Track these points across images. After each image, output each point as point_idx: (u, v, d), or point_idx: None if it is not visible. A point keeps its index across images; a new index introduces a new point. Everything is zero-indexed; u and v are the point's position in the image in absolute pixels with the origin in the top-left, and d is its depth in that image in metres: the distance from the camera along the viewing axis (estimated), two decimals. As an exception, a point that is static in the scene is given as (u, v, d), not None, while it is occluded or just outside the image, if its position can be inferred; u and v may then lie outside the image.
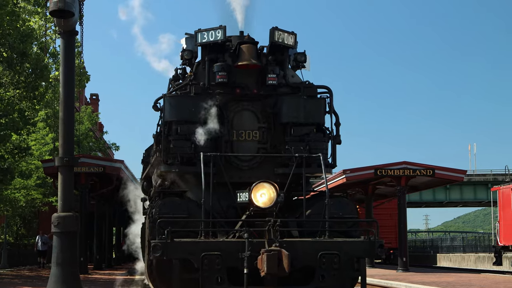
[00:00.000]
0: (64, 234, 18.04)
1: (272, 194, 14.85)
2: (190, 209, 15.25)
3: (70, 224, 18.09)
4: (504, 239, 38.18)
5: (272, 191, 14.85)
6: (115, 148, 70.08)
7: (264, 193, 14.89)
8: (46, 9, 37.54)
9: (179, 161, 15.95)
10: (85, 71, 46.76)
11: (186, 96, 16.31)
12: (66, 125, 18.58)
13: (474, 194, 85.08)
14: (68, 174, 18.57)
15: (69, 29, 18.04)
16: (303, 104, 16.47)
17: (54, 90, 41.08)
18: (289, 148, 16.26)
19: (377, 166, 41.34)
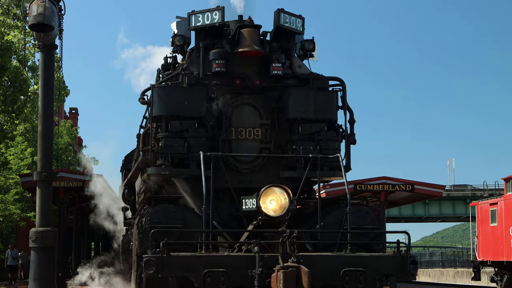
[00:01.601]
0: (42, 249, 17.25)
1: (283, 201, 11.62)
2: (186, 218, 12.03)
3: (48, 239, 17.30)
4: (482, 254, 35.60)
5: (284, 197, 11.59)
6: (94, 163, 66.73)
7: (274, 199, 11.52)
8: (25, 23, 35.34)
9: (170, 162, 12.44)
10: (64, 85, 43.91)
11: (178, 87, 12.91)
12: (45, 140, 17.75)
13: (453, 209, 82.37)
14: (46, 188, 17.79)
15: (49, 43, 17.28)
16: (313, 97, 13.14)
17: (33, 104, 38.98)
18: (297, 148, 12.98)
19: (357, 181, 38.28)
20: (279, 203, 11.61)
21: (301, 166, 12.89)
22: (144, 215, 11.96)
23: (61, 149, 53.79)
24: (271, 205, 11.60)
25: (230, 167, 12.92)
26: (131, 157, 21.44)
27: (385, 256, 11.54)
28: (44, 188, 17.73)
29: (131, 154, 21.61)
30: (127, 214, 20.29)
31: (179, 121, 12.79)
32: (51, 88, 18.09)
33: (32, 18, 16.59)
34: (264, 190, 11.54)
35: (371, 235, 12.43)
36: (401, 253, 11.40)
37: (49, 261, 17.61)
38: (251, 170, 13.23)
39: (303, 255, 10.86)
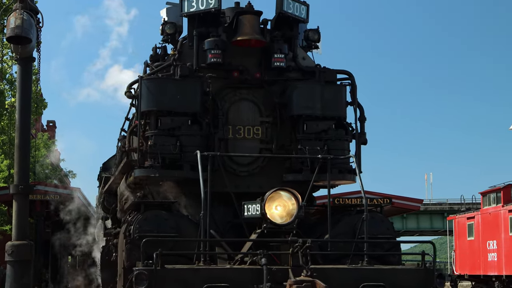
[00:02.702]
0: (18, 263, 16.34)
1: (290, 207, 9.83)
2: (180, 226, 10.32)
3: (24, 253, 16.40)
4: (459, 268, 34.90)
5: (291, 203, 9.87)
6: (72, 176, 64.76)
7: (280, 205, 9.85)
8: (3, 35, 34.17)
9: (160, 163, 10.67)
10: (42, 98, 42.46)
11: (170, 79, 11.19)
12: (22, 152, 16.93)
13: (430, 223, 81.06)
14: (23, 202, 16.92)
15: (26, 55, 16.45)
16: (320, 92, 11.47)
17: (10, 116, 37.09)
18: (303, 148, 11.25)
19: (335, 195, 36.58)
20: (286, 209, 9.94)
21: (307, 168, 11.20)
22: (132, 222, 10.19)
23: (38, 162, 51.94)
24: (277, 212, 9.90)
25: (226, 170, 11.18)
26: (110, 164, 19.92)
27: (408, 269, 9.87)
28: (21, 201, 16.87)
29: (110, 161, 20.31)
30: (107, 224, 18.49)
31: (170, 117, 11.09)
32: (29, 101, 17.42)
33: (10, 31, 15.86)
34: (270, 195, 9.82)
35: (386, 246, 10.71)
36: (426, 265, 9.70)
37: (25, 275, 16.57)
38: (250, 173, 11.54)
39: (317, 267, 9.15)
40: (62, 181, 61.37)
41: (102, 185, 20.01)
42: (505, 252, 28.35)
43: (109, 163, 20.78)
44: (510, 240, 27.96)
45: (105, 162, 21.66)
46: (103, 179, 20.30)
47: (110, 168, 19.43)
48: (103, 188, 19.30)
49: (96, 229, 24.43)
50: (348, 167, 11.48)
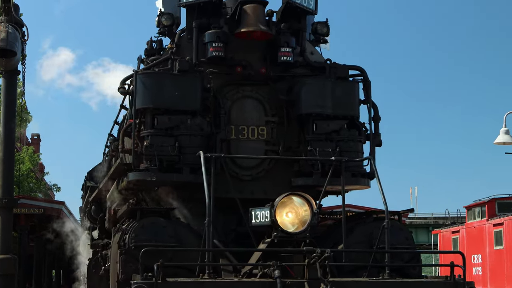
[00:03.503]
0: (1, 277, 15.58)
1: (303, 213, 8.75)
2: (180, 235, 9.23)
3: (7, 267, 15.63)
4: None
5: (304, 209, 8.78)
6: (56, 190, 63.60)
7: (292, 211, 8.88)
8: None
9: (157, 165, 9.56)
10: (26, 111, 42.46)
11: (167, 74, 10.12)
12: (6, 166, 16.21)
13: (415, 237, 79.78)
14: (7, 215, 16.22)
15: (11, 68, 15.91)
16: (331, 89, 10.37)
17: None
18: (313, 150, 10.10)
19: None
20: (299, 216, 8.88)
21: (317, 171, 10.11)
22: (127, 231, 9.08)
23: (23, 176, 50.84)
24: (289, 219, 8.85)
25: (228, 174, 10.07)
26: (96, 173, 18.76)
27: (436, 282, 8.82)
28: (5, 215, 16.23)
29: (96, 170, 19.21)
30: (94, 235, 17.35)
31: (168, 116, 10.03)
32: (13, 114, 16.82)
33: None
34: (281, 200, 8.75)
35: (406, 257, 9.66)
36: (455, 278, 8.64)
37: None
38: (254, 178, 10.49)
39: (336, 281, 8.10)
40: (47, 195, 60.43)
41: (88, 193, 18.94)
42: (490, 266, 27.59)
43: (95, 171, 19.66)
44: (495, 254, 27.16)
45: (90, 170, 20.60)
46: (89, 188, 19.28)
47: (96, 177, 18.43)
48: (89, 197, 18.24)
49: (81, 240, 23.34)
50: (362, 170, 10.44)
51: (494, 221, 27.10)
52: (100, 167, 18.89)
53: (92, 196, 17.08)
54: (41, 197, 52.80)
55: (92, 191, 17.28)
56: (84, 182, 21.57)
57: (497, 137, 21.62)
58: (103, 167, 16.63)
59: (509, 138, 21.09)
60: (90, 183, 19.79)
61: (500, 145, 21.96)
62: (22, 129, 54.03)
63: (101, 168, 18.25)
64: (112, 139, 13.09)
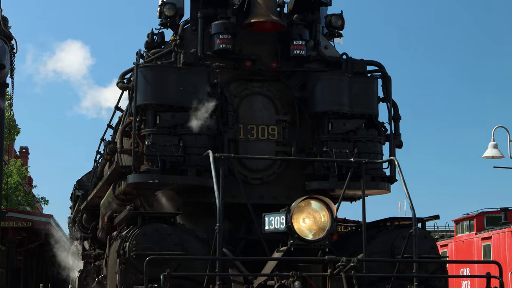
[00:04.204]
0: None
1: (322, 219, 7.90)
2: (185, 242, 8.39)
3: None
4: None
5: (323, 214, 7.91)
6: (44, 203, 62.85)
7: (309, 217, 8.10)
8: None
9: (160, 167, 8.70)
10: (15, 124, 42.21)
11: (171, 67, 9.27)
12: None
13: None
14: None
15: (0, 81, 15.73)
16: (348, 85, 9.54)
17: None
18: (329, 151, 9.24)
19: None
20: (318, 221, 8.06)
21: (334, 174, 9.28)
22: (127, 238, 8.21)
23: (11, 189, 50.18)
24: (306, 225, 8.04)
25: (235, 177, 9.25)
26: (85, 181, 18.32)
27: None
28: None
29: (85, 178, 18.72)
30: (85, 245, 16.49)
31: (171, 113, 9.21)
32: (1, 127, 16.73)
33: (-17, 57, 15.07)
34: (299, 203, 7.97)
35: (430, 268, 8.84)
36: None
37: (-5, 303, 15.74)
38: (264, 181, 9.66)
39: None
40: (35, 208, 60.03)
41: (79, 202, 18.17)
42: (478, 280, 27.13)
43: (84, 180, 19.14)
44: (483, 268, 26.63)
45: (79, 179, 20.04)
46: (80, 196, 18.48)
47: (86, 186, 17.64)
48: (79, 205, 17.42)
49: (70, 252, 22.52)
50: (382, 173, 9.64)
51: (483, 235, 26.96)
52: (90, 175, 18.22)
53: (83, 204, 16.24)
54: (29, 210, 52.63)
55: (84, 199, 16.46)
56: (73, 191, 21.13)
57: (485, 151, 21.38)
58: (95, 174, 15.84)
59: (497, 152, 20.98)
60: (79, 192, 19.19)
61: (488, 159, 21.66)
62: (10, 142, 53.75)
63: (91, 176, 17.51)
64: (107, 142, 12.27)
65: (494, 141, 21.06)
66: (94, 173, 17.02)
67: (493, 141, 21.06)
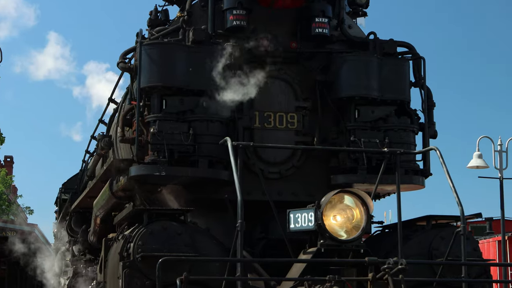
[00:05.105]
0: None
1: (357, 216, 6.91)
2: (197, 243, 7.37)
3: None
4: None
5: (359, 210, 6.95)
6: (29, 212, 62.17)
7: (341, 213, 7.20)
8: None
9: (167, 157, 7.68)
10: None
11: (180, 45, 8.25)
12: None
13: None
14: None
15: None
16: (377, 67, 8.55)
17: None
18: (357, 141, 8.23)
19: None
20: (353, 218, 7.08)
21: (363, 167, 8.29)
22: (132, 238, 7.18)
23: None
24: (337, 223, 7.06)
25: (250, 170, 8.30)
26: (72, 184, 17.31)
27: None
28: None
29: (72, 181, 17.89)
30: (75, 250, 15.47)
31: (180, 97, 8.21)
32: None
33: (-31, 64, 14.35)
34: (330, 198, 6.95)
35: (473, 272, 7.88)
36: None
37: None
38: (282, 176, 8.63)
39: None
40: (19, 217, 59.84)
41: (67, 204, 17.11)
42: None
43: (71, 183, 18.13)
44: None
45: (65, 182, 19.13)
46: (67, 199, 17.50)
47: (73, 188, 16.69)
48: (68, 208, 16.38)
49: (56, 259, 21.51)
50: (415, 166, 8.66)
51: (470, 244, 26.58)
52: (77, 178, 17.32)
53: (72, 206, 15.21)
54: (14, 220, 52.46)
55: (73, 201, 15.46)
56: (59, 195, 20.14)
57: (470, 161, 20.99)
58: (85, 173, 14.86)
59: (482, 162, 20.86)
60: (65, 195, 18.26)
61: (473, 169, 21.24)
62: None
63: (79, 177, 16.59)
64: (101, 136, 11.26)
65: (479, 151, 20.88)
66: (83, 173, 16.04)
67: (478, 151, 20.87)
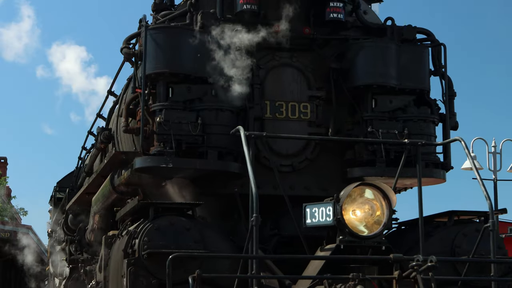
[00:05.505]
0: None
1: (380, 210, 6.61)
2: (206, 238, 6.95)
3: None
4: None
5: (382, 204, 6.65)
6: (23, 214, 61.82)
7: (360, 207, 6.77)
8: None
9: (174, 149, 7.23)
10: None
11: (188, 30, 7.78)
12: None
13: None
14: None
15: None
16: (396, 54, 8.12)
17: None
18: (374, 132, 7.80)
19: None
20: (371, 213, 6.63)
21: (381, 160, 7.87)
22: (136, 234, 6.73)
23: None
24: (357, 217, 6.64)
25: (259, 163, 7.86)
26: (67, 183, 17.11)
27: None
28: None
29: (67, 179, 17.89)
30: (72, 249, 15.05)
31: (187, 85, 7.79)
32: None
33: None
34: (350, 192, 6.52)
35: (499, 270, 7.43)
36: None
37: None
38: (295, 169, 8.21)
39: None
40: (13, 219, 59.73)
41: (62, 202, 16.73)
42: None
43: (66, 181, 18.01)
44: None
45: (60, 180, 19.00)
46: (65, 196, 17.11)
47: (68, 186, 16.31)
48: (64, 206, 15.97)
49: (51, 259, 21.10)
50: (436, 159, 8.23)
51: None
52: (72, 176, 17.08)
53: (69, 204, 14.78)
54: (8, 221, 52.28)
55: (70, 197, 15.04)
56: (53, 193, 19.79)
57: (464, 163, 21.06)
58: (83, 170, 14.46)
59: (476, 163, 20.67)
60: (60, 194, 18.01)
61: (467, 170, 21.45)
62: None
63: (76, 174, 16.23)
64: (100, 129, 10.84)
65: (473, 153, 21.00)
66: (79, 170, 15.64)
67: (472, 153, 20.94)
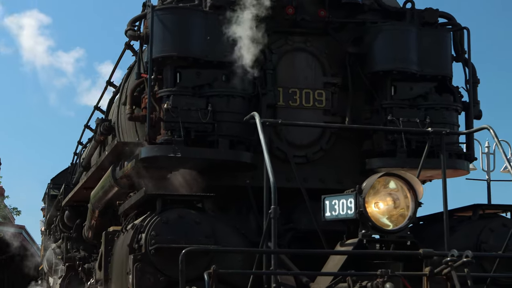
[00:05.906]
0: None
1: (405, 202, 6.31)
2: (217, 233, 6.52)
3: None
4: None
5: (407, 196, 6.33)
6: (16, 213, 61.62)
7: (383, 200, 6.31)
8: None
9: (182, 137, 6.80)
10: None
11: (197, 11, 7.36)
12: None
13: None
14: None
15: None
16: (416, 38, 7.72)
17: None
18: (394, 120, 7.38)
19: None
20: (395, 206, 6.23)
21: (402, 150, 7.46)
22: (143, 228, 6.29)
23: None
24: (379, 210, 6.24)
25: (272, 154, 7.38)
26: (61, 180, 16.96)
27: None
28: None
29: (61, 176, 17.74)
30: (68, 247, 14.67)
31: (196, 69, 7.36)
32: None
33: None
34: (374, 182, 6.11)
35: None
36: None
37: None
38: (309, 160, 7.80)
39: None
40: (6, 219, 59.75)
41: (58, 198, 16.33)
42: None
43: (60, 178, 17.87)
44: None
45: (54, 177, 18.96)
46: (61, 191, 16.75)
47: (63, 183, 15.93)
48: (60, 202, 15.57)
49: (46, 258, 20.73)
50: (459, 149, 7.83)
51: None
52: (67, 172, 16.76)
53: (65, 200, 14.35)
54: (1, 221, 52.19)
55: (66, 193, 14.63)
56: (47, 190, 19.81)
57: None
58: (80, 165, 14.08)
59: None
60: (54, 191, 17.97)
61: None
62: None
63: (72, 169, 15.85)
64: (99, 120, 10.42)
65: None
66: (75, 166, 15.25)
67: None
